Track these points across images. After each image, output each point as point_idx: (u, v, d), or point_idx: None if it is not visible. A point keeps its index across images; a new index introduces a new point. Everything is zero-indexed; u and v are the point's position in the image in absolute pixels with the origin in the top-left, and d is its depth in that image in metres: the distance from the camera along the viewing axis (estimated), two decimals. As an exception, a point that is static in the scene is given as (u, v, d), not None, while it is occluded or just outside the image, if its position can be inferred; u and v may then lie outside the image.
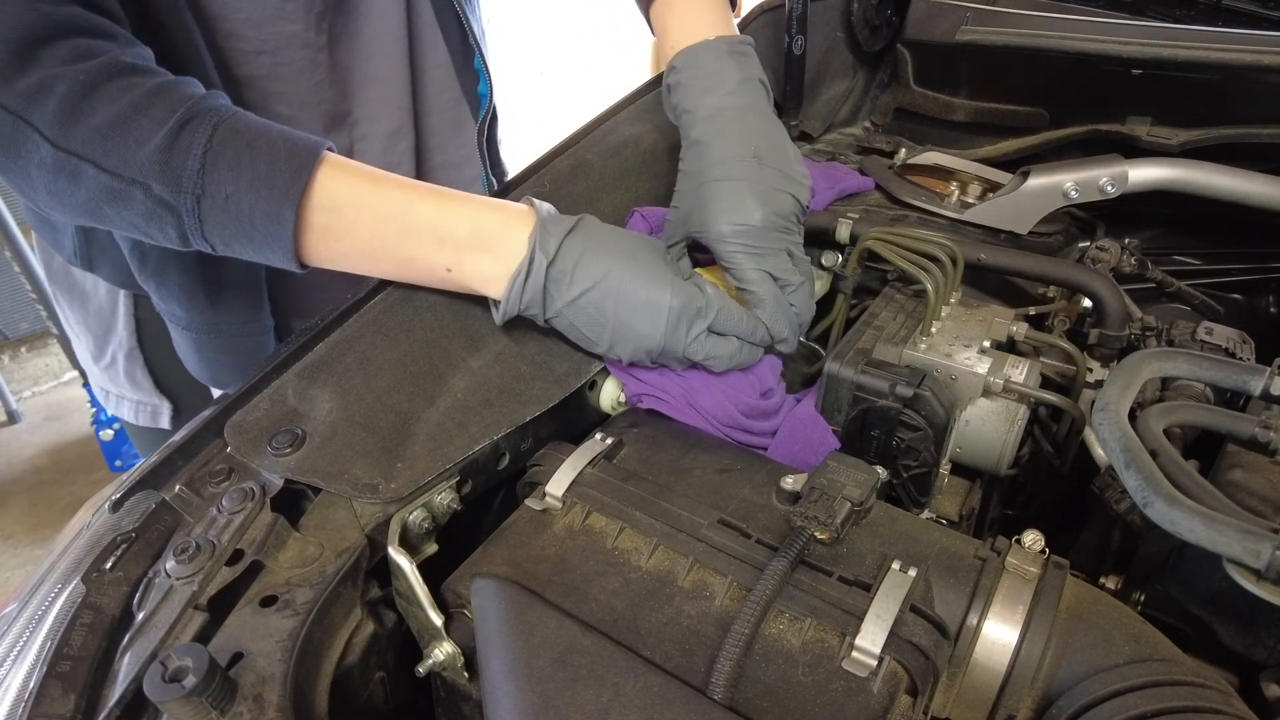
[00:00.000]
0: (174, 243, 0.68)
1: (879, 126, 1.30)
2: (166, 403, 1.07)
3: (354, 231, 0.68)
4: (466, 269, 0.69)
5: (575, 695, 0.48)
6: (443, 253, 0.69)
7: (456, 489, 0.66)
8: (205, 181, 0.63)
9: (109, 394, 1.10)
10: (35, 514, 2.54)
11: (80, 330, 1.06)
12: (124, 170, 0.63)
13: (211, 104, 0.66)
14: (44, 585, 0.57)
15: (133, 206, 0.64)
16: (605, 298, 0.69)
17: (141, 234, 0.68)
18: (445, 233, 0.69)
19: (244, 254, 0.69)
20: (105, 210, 0.65)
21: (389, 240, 0.69)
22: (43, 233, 0.98)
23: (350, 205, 0.67)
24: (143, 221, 0.66)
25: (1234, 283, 1.14)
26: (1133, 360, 0.70)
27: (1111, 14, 1.11)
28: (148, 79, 0.65)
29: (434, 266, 0.70)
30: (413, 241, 0.69)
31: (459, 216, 0.69)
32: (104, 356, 1.05)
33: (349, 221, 0.68)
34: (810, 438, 0.76)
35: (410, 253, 0.69)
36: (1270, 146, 0.98)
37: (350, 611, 0.57)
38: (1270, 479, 0.63)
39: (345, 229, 0.68)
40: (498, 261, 0.69)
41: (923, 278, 0.80)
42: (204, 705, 0.43)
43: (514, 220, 0.70)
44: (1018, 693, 0.54)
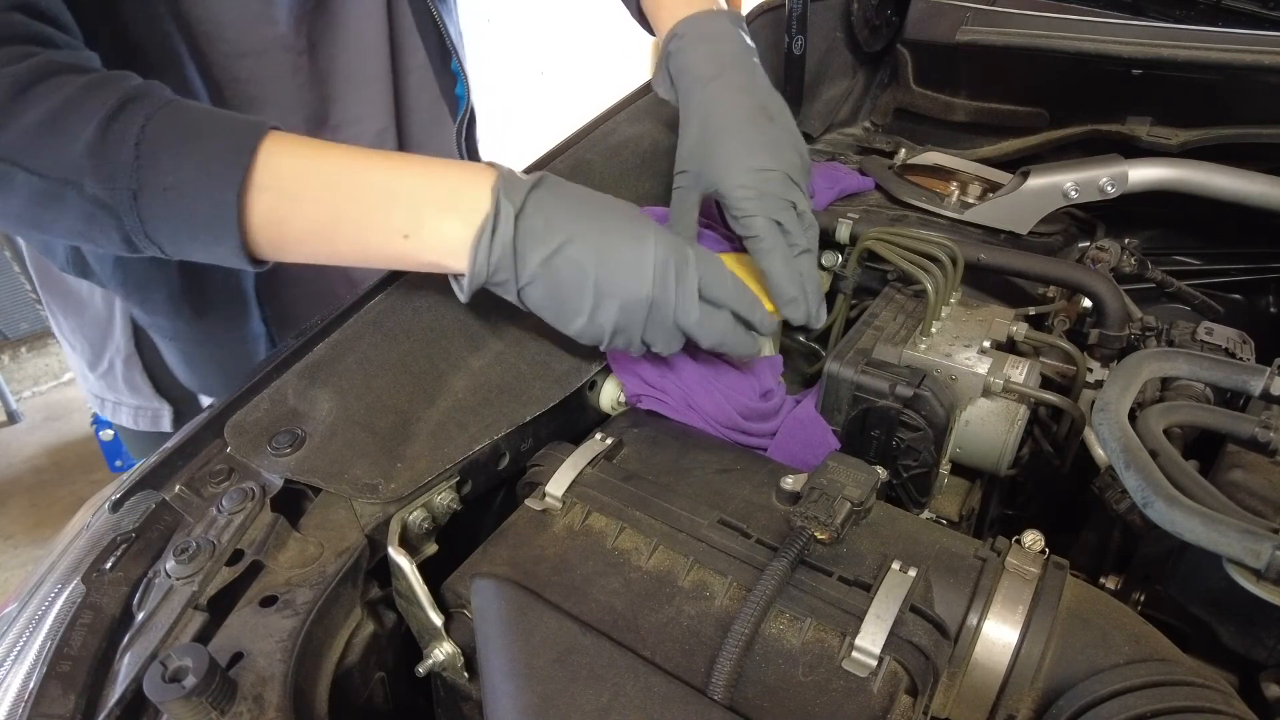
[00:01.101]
0: (119, 246, 0.63)
1: (879, 126, 1.30)
2: (167, 406, 1.07)
3: (302, 209, 0.62)
4: (426, 234, 0.63)
5: (575, 695, 0.48)
6: (399, 217, 0.63)
7: (456, 489, 0.66)
8: (141, 174, 0.58)
9: (105, 401, 1.09)
10: (35, 514, 2.54)
11: (76, 339, 1.05)
12: (55, 170, 0.58)
13: (146, 92, 0.61)
14: (44, 585, 0.57)
15: (68, 209, 0.60)
16: (584, 252, 0.63)
17: (84, 239, 0.64)
18: (400, 194, 0.63)
19: (193, 253, 0.64)
20: (41, 217, 0.61)
21: (339, 211, 0.63)
22: (33, 241, 0.97)
23: (295, 180, 0.62)
24: (82, 225, 0.61)
25: (1234, 283, 1.14)
26: (1133, 360, 0.70)
27: (1111, 14, 1.11)
28: (84, 76, 0.60)
29: (390, 235, 0.63)
30: (365, 209, 0.63)
31: (414, 176, 0.64)
32: (101, 363, 1.05)
33: (295, 198, 0.62)
34: (810, 438, 0.76)
35: (363, 222, 0.63)
36: (1270, 146, 0.99)
37: (350, 611, 0.57)
38: (1270, 479, 0.63)
39: (292, 208, 0.62)
40: (461, 222, 0.63)
41: (923, 278, 0.80)
42: (204, 705, 0.43)
43: (474, 176, 0.64)
44: (1018, 693, 0.54)
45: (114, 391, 1.07)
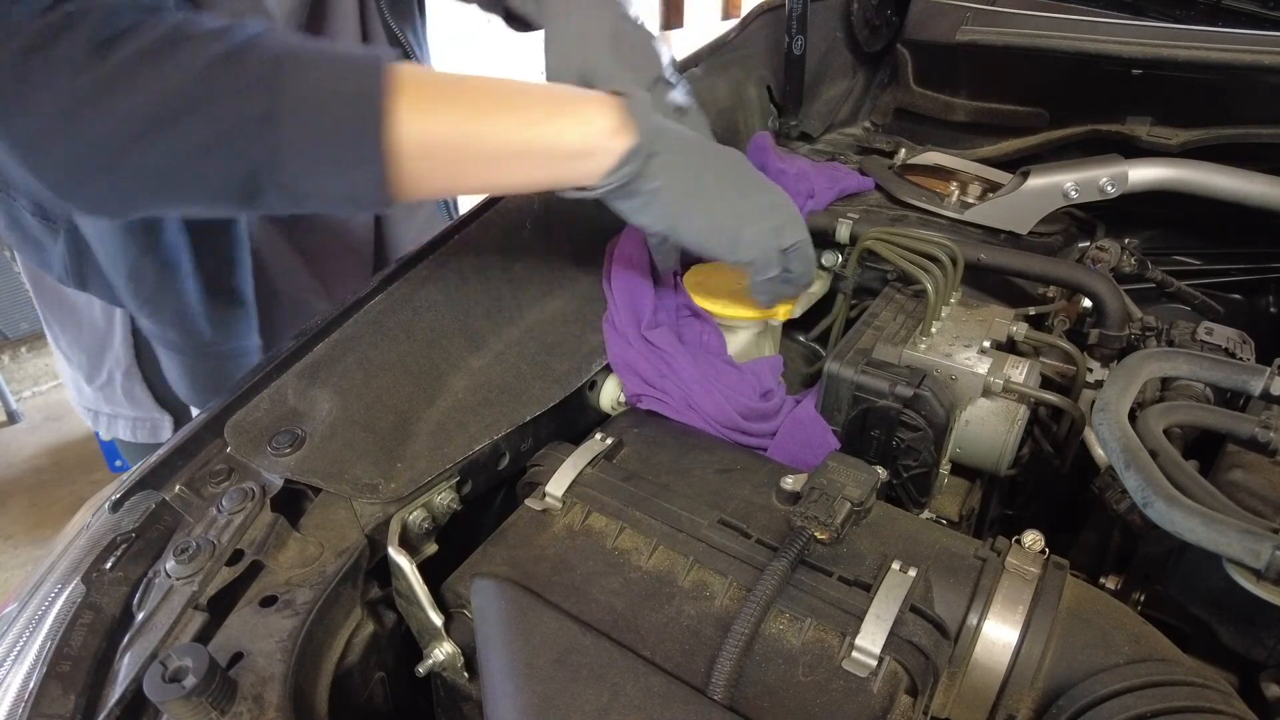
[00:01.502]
0: (237, 187, 0.57)
1: (879, 126, 1.30)
2: (167, 417, 1.07)
3: (443, 106, 0.60)
4: (570, 113, 0.63)
5: (575, 695, 0.48)
6: (540, 104, 0.63)
7: (456, 489, 0.66)
8: (275, 87, 0.54)
9: (99, 415, 1.08)
10: (35, 514, 2.54)
11: (73, 351, 1.04)
12: (180, 82, 0.53)
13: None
14: (44, 585, 0.57)
15: (190, 130, 0.54)
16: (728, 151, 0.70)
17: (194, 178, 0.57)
18: (532, 90, 0.64)
19: (324, 183, 0.58)
20: (155, 144, 0.54)
21: (480, 103, 0.62)
22: (26, 252, 0.95)
23: (432, 83, 0.61)
24: (202, 153, 0.55)
25: (1234, 283, 1.14)
26: (1133, 360, 0.70)
27: (1111, 14, 1.11)
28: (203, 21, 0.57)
29: (534, 118, 0.63)
30: (504, 101, 0.62)
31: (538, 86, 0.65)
32: (99, 375, 1.04)
33: (436, 96, 0.60)
34: (810, 438, 0.76)
35: (506, 108, 0.62)
36: (1270, 146, 0.99)
37: (350, 611, 0.57)
38: (1270, 479, 0.63)
39: (434, 105, 0.60)
40: (601, 104, 0.64)
41: (923, 278, 0.80)
42: (204, 705, 0.43)
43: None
44: (1018, 693, 0.54)
45: (111, 404, 1.06)
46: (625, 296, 0.80)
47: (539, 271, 0.83)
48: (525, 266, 0.82)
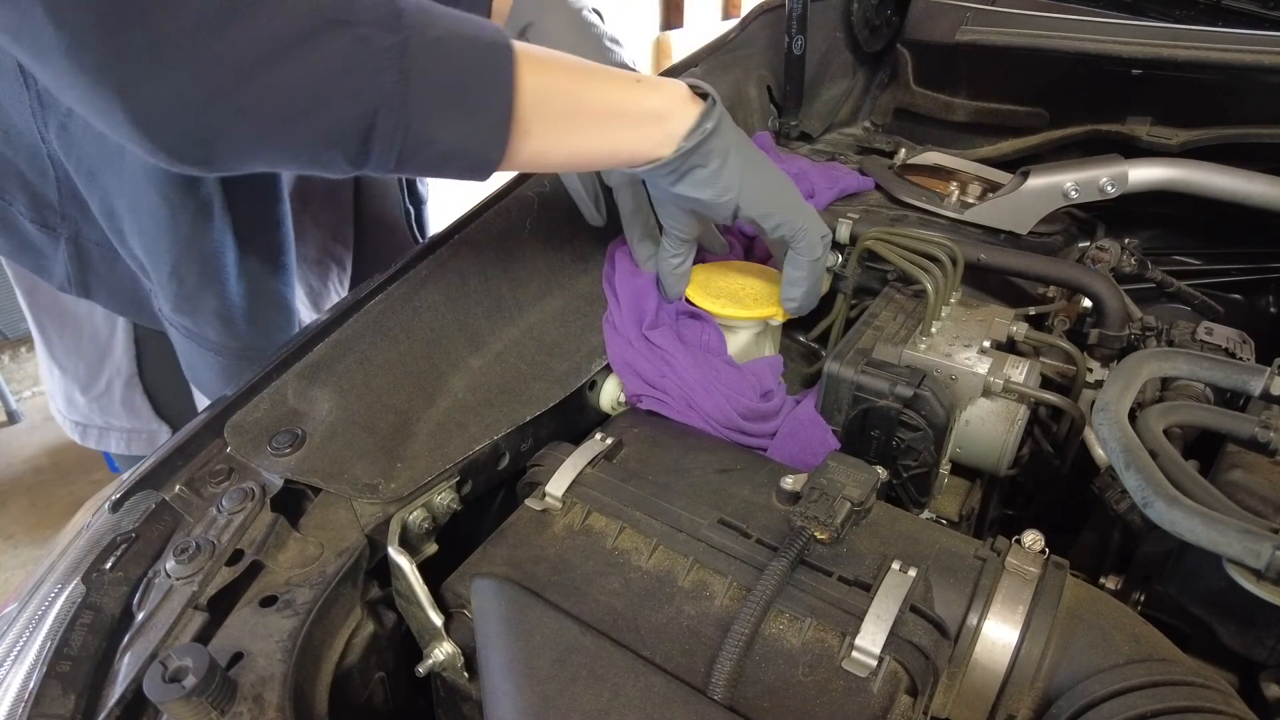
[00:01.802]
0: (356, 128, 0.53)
1: (879, 126, 1.30)
2: (165, 428, 1.06)
3: (552, 60, 0.63)
4: (652, 81, 0.69)
5: (575, 695, 0.48)
6: (625, 76, 0.68)
7: (456, 489, 0.66)
8: (409, 20, 0.53)
9: (90, 429, 1.06)
10: (35, 514, 2.54)
11: (70, 360, 1.03)
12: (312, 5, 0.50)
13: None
14: (44, 585, 0.57)
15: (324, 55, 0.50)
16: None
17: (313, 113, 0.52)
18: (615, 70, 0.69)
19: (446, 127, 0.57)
20: (279, 69, 0.49)
21: (581, 65, 0.65)
22: (22, 260, 0.93)
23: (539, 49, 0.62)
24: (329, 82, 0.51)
25: (1234, 283, 1.14)
26: (1133, 360, 0.70)
27: (1111, 14, 1.11)
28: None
29: (624, 82, 0.67)
30: (598, 66, 0.67)
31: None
32: (97, 385, 1.03)
33: (548, 56, 0.63)
34: (810, 438, 0.76)
35: (603, 73, 0.67)
36: (1270, 146, 0.99)
37: (350, 611, 0.57)
38: (1270, 479, 0.63)
39: (545, 57, 0.62)
40: (674, 82, 0.70)
41: (923, 278, 0.80)
42: (204, 705, 0.43)
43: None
44: (1018, 693, 0.54)
45: (106, 415, 1.04)
46: (628, 297, 0.80)
47: (539, 271, 0.83)
48: (525, 266, 0.82)
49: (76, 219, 0.88)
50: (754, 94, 1.16)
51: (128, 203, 0.82)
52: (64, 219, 0.88)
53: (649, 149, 0.68)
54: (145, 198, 0.80)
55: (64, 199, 0.86)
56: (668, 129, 0.68)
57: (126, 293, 0.93)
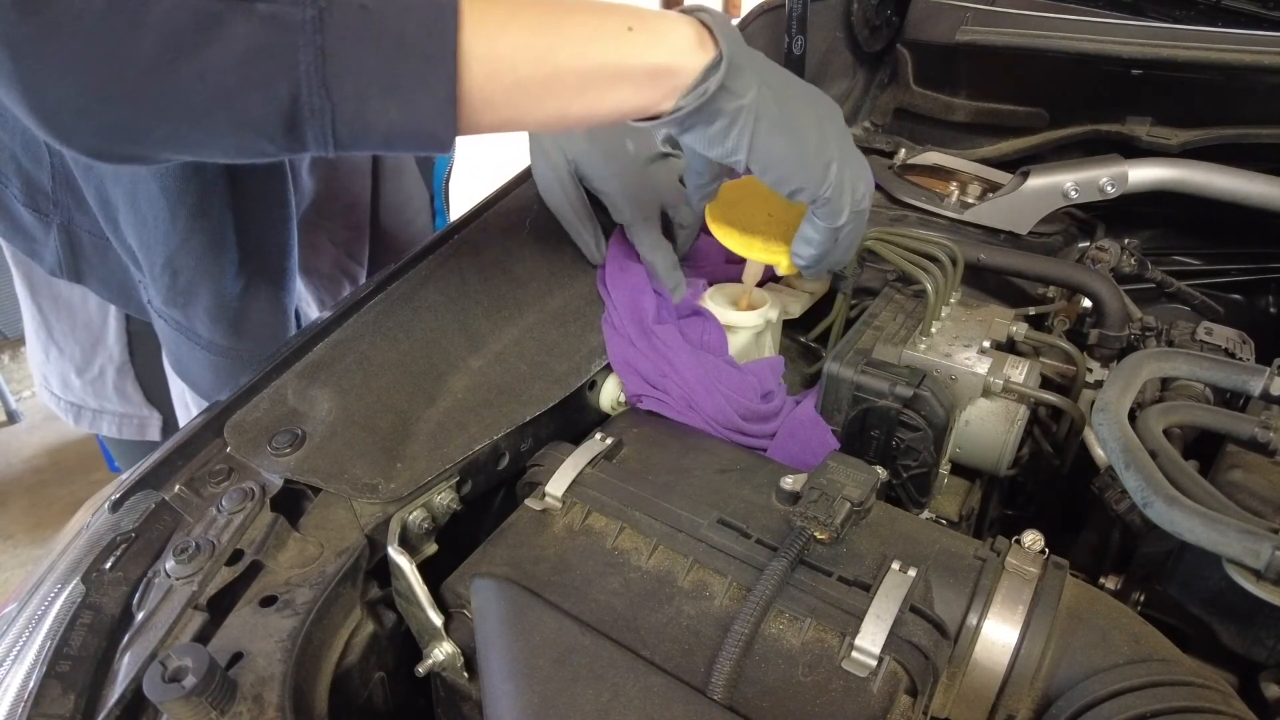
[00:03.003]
0: (277, 113, 0.49)
1: (879, 126, 1.30)
2: (156, 414, 1.06)
3: (518, 14, 0.54)
4: (652, 27, 0.58)
5: (575, 695, 0.48)
6: (618, 16, 0.57)
7: (456, 489, 0.66)
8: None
9: (83, 410, 1.06)
10: (35, 514, 2.54)
11: (66, 342, 1.03)
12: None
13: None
14: (44, 585, 0.57)
15: (227, 43, 0.46)
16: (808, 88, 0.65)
17: (226, 103, 0.48)
18: (613, 6, 0.58)
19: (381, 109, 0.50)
20: (181, 63, 0.46)
21: (558, 16, 0.55)
22: (16, 243, 0.94)
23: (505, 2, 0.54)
24: (238, 70, 0.47)
25: (1234, 283, 1.14)
26: (1133, 360, 0.70)
27: (1111, 14, 1.11)
28: None
29: (615, 30, 0.57)
30: (583, 14, 0.56)
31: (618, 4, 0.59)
32: (91, 369, 1.03)
33: (510, 6, 0.54)
34: (810, 438, 0.76)
35: (585, 21, 0.56)
36: (1270, 146, 0.99)
37: (350, 611, 0.57)
38: (1270, 479, 0.63)
39: (508, 14, 0.53)
40: (681, 20, 0.59)
41: (922, 278, 0.80)
42: (204, 705, 0.43)
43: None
44: (1017, 693, 0.54)
45: (99, 398, 1.05)
46: (625, 295, 0.80)
47: (539, 271, 0.83)
48: (525, 266, 0.82)
49: (69, 206, 0.88)
50: (754, 94, 1.16)
51: (125, 192, 0.82)
52: (57, 205, 0.88)
53: (646, 107, 0.59)
54: (144, 188, 0.80)
55: (57, 186, 0.86)
56: (668, 86, 0.58)
57: (117, 282, 0.92)
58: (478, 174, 1.23)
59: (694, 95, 0.57)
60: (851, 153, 0.66)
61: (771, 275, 0.99)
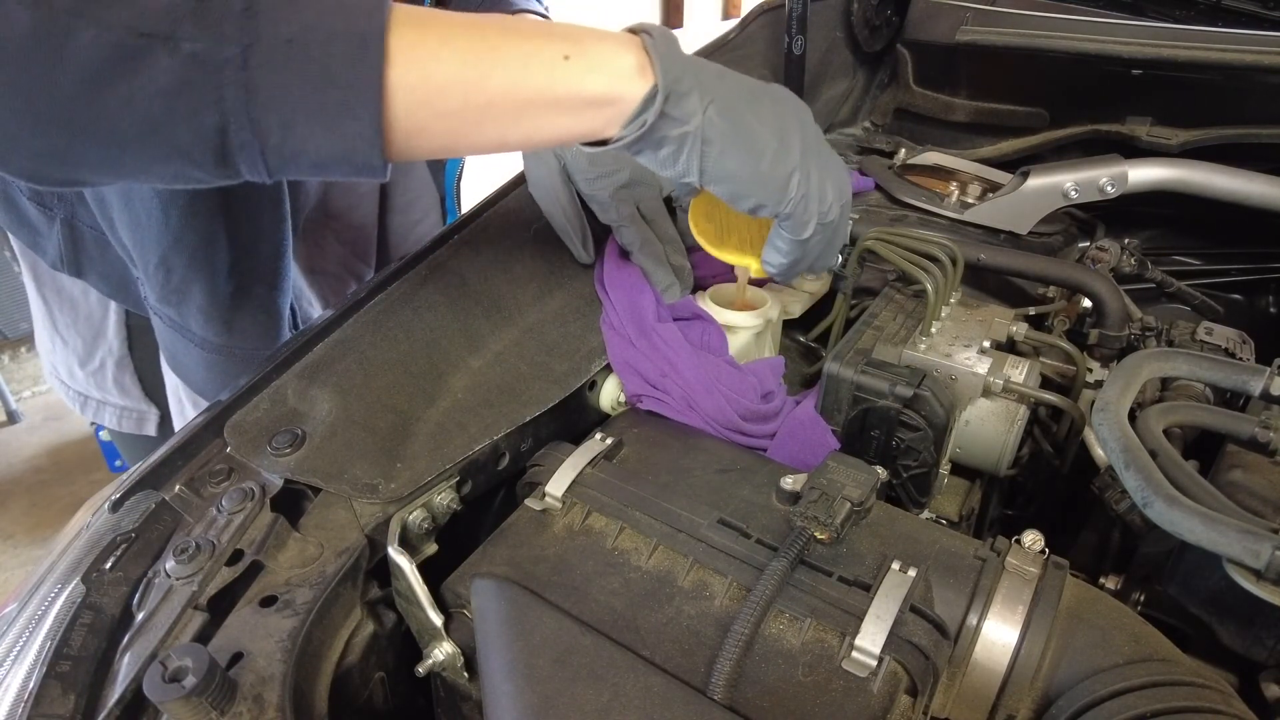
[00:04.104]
0: (205, 144, 0.49)
1: (879, 126, 1.30)
2: (154, 409, 1.07)
3: (451, 43, 0.53)
4: (590, 54, 0.56)
5: (575, 695, 0.48)
6: (555, 43, 0.56)
7: (456, 489, 0.66)
8: (258, 22, 0.47)
9: (89, 400, 1.08)
10: (35, 514, 2.54)
11: (70, 334, 1.05)
12: (138, 20, 0.45)
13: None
14: (44, 585, 0.57)
15: (150, 76, 0.46)
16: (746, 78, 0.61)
17: (153, 133, 0.48)
18: (549, 29, 0.57)
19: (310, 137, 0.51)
20: (105, 94, 0.46)
21: (491, 42, 0.54)
22: (21, 235, 0.95)
23: (438, 20, 0.54)
24: (163, 102, 0.47)
25: (1234, 283, 1.14)
26: (1133, 360, 0.70)
27: (1111, 14, 1.11)
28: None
29: (551, 60, 0.55)
30: (518, 40, 0.55)
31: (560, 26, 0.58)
32: (92, 361, 1.04)
33: (443, 35, 0.53)
34: (810, 438, 0.76)
35: (520, 50, 0.55)
36: (1270, 146, 0.99)
37: (350, 611, 0.57)
38: (1270, 479, 0.63)
39: (440, 44, 0.52)
40: (622, 44, 0.57)
41: (922, 278, 0.80)
42: (204, 705, 0.43)
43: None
44: (1017, 693, 0.54)
45: (101, 390, 1.06)
46: (624, 295, 0.80)
47: (539, 271, 0.83)
48: (525, 266, 0.82)
49: (72, 201, 0.89)
50: (754, 94, 1.16)
51: (119, 191, 0.82)
52: (60, 200, 0.89)
53: (589, 134, 0.58)
54: (137, 187, 0.80)
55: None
56: (607, 115, 0.57)
57: (117, 278, 0.93)
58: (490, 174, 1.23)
59: (634, 126, 0.57)
60: (821, 162, 0.63)
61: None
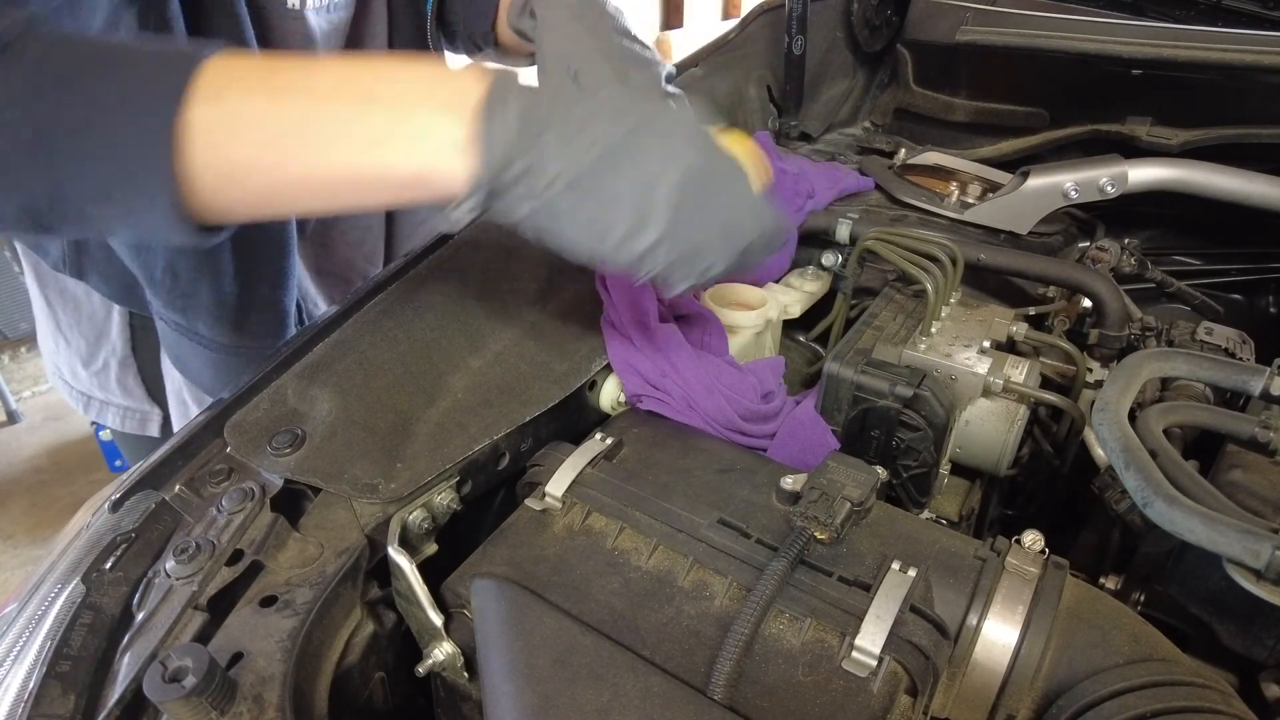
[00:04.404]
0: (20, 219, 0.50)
1: (879, 126, 1.30)
2: (157, 410, 1.07)
3: (248, 124, 0.49)
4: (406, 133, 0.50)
5: (575, 695, 0.48)
6: (367, 117, 0.50)
7: (456, 489, 0.66)
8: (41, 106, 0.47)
9: (92, 400, 1.08)
10: (35, 514, 2.54)
11: (73, 334, 1.05)
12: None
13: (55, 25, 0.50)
14: (44, 585, 0.57)
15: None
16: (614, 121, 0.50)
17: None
18: (365, 91, 0.50)
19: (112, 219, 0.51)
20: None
21: (294, 119, 0.50)
22: (24, 237, 0.96)
23: (241, 91, 0.49)
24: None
25: (1234, 283, 1.14)
26: (1133, 360, 0.70)
27: (1111, 14, 1.11)
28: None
29: (359, 142, 0.50)
30: (324, 114, 0.50)
31: (381, 72, 0.52)
32: (95, 362, 1.04)
33: (239, 113, 0.49)
34: (810, 438, 0.76)
35: (324, 129, 0.50)
36: (1270, 146, 0.99)
37: (350, 611, 0.57)
38: (1270, 479, 0.63)
39: (236, 125, 0.49)
40: (449, 114, 0.49)
41: (923, 278, 0.80)
42: (204, 705, 0.43)
43: (457, 70, 0.52)
44: (1017, 693, 0.54)
45: (104, 390, 1.07)
46: (624, 294, 0.80)
47: (539, 271, 0.83)
48: (525, 266, 0.82)
49: None
50: (754, 94, 1.16)
51: None
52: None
53: (420, 204, 0.53)
54: None
55: None
56: (437, 187, 0.51)
57: (119, 280, 0.93)
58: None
59: (464, 209, 0.52)
60: (704, 218, 0.53)
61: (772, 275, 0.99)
